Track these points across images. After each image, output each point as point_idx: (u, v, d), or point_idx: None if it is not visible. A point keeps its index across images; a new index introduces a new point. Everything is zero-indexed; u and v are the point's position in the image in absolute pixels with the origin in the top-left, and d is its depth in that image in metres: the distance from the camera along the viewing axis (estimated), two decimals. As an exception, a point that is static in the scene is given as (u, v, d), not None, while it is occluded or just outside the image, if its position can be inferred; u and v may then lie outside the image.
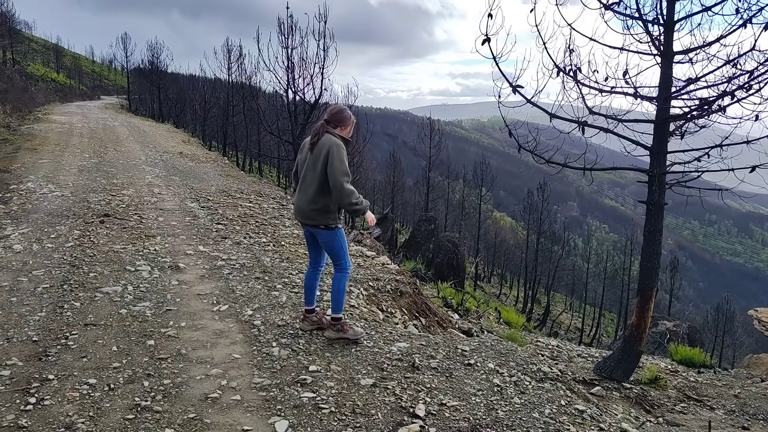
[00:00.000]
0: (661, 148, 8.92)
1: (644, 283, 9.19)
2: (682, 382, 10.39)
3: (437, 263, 24.09)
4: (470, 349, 4.65)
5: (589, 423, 3.68)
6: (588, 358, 10.63)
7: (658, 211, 9.05)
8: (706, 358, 11.81)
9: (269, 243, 7.86)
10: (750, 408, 9.78)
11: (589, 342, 41.63)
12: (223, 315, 5.06)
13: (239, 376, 3.94)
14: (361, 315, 5.40)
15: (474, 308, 13.66)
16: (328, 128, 4.51)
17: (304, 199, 4.47)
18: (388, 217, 30.45)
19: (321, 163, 4.34)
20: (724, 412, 9.68)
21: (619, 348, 9.59)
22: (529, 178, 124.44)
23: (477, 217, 43.41)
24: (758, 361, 11.53)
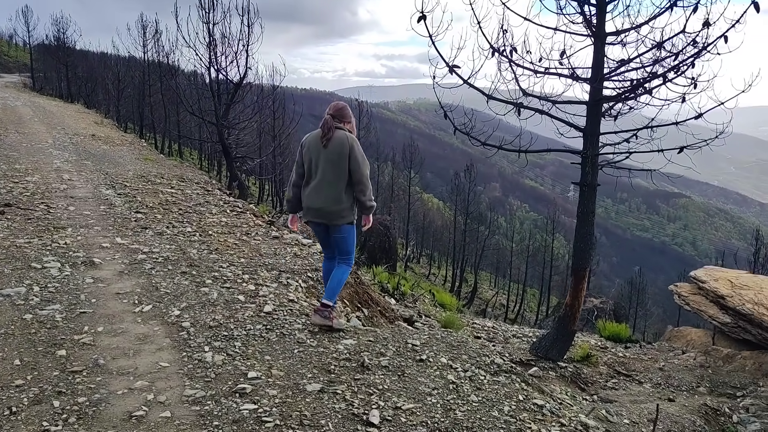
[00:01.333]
0: (594, 130, 9.00)
1: (578, 264, 9.31)
2: (611, 358, 10.70)
3: (369, 247, 23.88)
4: (421, 343, 4.40)
5: (550, 419, 3.52)
6: (523, 339, 10.74)
7: (591, 192, 9.15)
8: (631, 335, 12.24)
9: (195, 233, 7.30)
10: (674, 380, 10.20)
11: (513, 318, 42.99)
12: (146, 317, 4.55)
13: (168, 388, 3.49)
14: (302, 310, 5.03)
15: (409, 292, 13.53)
16: (337, 123, 4.51)
17: (330, 198, 4.45)
18: (317, 200, 29.90)
19: (345, 160, 4.39)
20: (652, 386, 10.04)
21: (554, 328, 9.72)
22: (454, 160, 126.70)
23: (406, 200, 43.59)
24: (679, 334, 12.07)
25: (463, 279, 45.62)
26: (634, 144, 9.36)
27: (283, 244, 7.23)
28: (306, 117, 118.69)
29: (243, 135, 16.71)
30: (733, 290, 10.94)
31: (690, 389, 9.87)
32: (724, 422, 8.83)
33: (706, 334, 11.71)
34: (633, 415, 7.87)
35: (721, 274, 11.96)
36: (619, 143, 9.42)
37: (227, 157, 14.84)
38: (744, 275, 11.94)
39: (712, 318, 11.07)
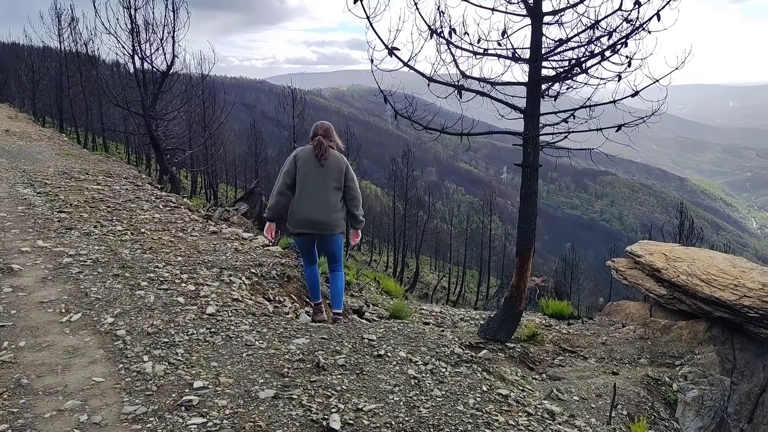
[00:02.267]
0: (534, 110, 9.02)
1: (522, 244, 9.35)
2: (556, 336, 10.88)
3: (308, 236, 23.45)
4: (377, 337, 4.20)
5: (516, 409, 3.40)
6: (470, 321, 10.76)
7: (534, 173, 9.19)
8: (572, 310, 12.52)
9: (126, 231, 6.81)
10: (617, 353, 10.48)
11: (455, 299, 43.67)
12: (75, 327, 4.13)
13: (104, 406, 3.14)
14: (248, 309, 4.72)
15: (354, 280, 13.32)
16: (331, 144, 4.97)
17: (327, 209, 4.81)
18: (255, 191, 29.16)
19: (342, 175, 4.87)
20: (596, 360, 10.28)
21: (501, 309, 9.77)
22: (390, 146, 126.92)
23: (344, 187, 43.23)
24: (618, 308, 12.43)
25: (405, 264, 45.87)
26: (573, 124, 9.47)
27: (223, 240, 6.85)
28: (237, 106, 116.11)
29: (172, 126, 15.95)
30: (668, 263, 11.33)
31: (632, 361, 10.18)
32: (665, 391, 9.15)
33: (644, 306, 12.12)
34: (582, 392, 8.00)
35: (655, 248, 12.38)
36: (559, 123, 9.51)
37: (156, 150, 14.11)
38: (677, 248, 12.41)
39: (649, 291, 11.44)
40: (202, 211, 9.21)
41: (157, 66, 13.78)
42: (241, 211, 25.59)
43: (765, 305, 9.27)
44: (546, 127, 9.43)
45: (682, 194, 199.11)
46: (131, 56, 13.58)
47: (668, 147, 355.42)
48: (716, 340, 10.28)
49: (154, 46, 13.66)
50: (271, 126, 69.15)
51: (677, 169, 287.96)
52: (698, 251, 12.14)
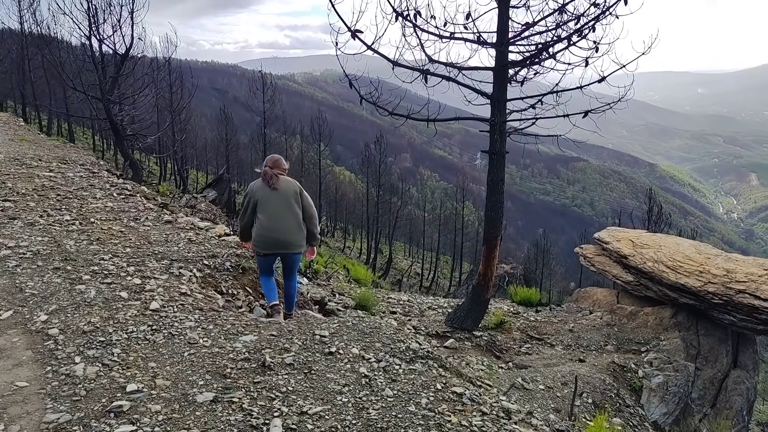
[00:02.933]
0: (501, 96, 8.86)
1: (489, 233, 9.25)
2: (524, 323, 10.84)
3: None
4: (330, 333, 4.00)
5: (470, 408, 3.25)
6: (438, 310, 10.65)
7: (500, 160, 9.05)
8: (540, 297, 12.51)
9: (74, 221, 6.46)
10: (583, 340, 10.48)
11: (428, 285, 43.76)
12: (4, 325, 3.84)
13: (24, 414, 2.89)
14: (196, 304, 4.47)
15: (323, 269, 13.10)
16: (279, 172, 5.42)
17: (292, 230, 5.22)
18: (223, 178, 28.59)
19: (298, 198, 5.34)
20: (563, 348, 10.27)
21: (468, 298, 9.67)
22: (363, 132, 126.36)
23: (317, 173, 42.79)
24: (586, 295, 12.46)
25: (378, 250, 45.74)
26: (540, 110, 9.35)
27: (177, 229, 6.56)
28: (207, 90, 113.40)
29: (133, 111, 15.41)
30: (635, 249, 11.36)
31: (598, 348, 10.19)
32: (631, 378, 9.16)
33: (611, 293, 12.16)
34: (548, 380, 7.95)
35: (622, 234, 12.41)
36: (526, 109, 9.38)
37: (117, 136, 13.59)
38: (644, 234, 12.46)
39: (616, 277, 11.48)
40: (159, 199, 8.86)
41: (117, 48, 13.24)
42: (209, 198, 25.09)
43: (729, 292, 9.33)
44: (513, 114, 9.30)
45: (652, 180, 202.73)
46: (88, 38, 13.02)
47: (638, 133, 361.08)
48: (681, 326, 10.35)
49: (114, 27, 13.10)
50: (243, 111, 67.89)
51: (647, 155, 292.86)
52: (665, 238, 12.21)
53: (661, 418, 8.78)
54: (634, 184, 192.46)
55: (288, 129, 44.70)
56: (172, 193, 24.81)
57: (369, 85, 9.13)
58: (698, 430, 9.45)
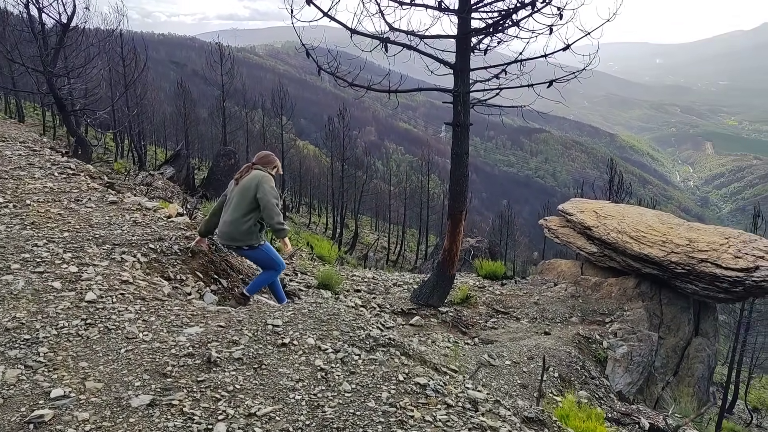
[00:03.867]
0: (464, 66, 8.56)
1: (454, 207, 9.04)
2: (489, 297, 10.76)
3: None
4: (284, 321, 3.70)
5: (435, 400, 3.01)
6: (404, 287, 10.45)
7: (464, 132, 8.80)
8: (506, 270, 12.45)
9: (8, 203, 5.96)
10: (549, 313, 10.45)
11: (395, 259, 43.76)
12: None
13: (-72, 431, 2.53)
14: (138, 293, 4.11)
15: (284, 247, 12.76)
16: (256, 167, 5.34)
17: (229, 223, 5.10)
18: (181, 154, 27.72)
19: (252, 191, 5.09)
20: (528, 320, 10.22)
21: (434, 274, 9.49)
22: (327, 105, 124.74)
23: (280, 148, 41.94)
24: (550, 266, 12.44)
25: (344, 225, 45.42)
26: (504, 80, 9.10)
27: (122, 211, 6.12)
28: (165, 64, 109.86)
29: (83, 84, 14.58)
30: (599, 221, 11.34)
31: (563, 320, 10.19)
32: (596, 349, 9.18)
33: (575, 264, 12.16)
34: (514, 355, 7.86)
35: (586, 205, 12.38)
36: (489, 79, 9.12)
37: (62, 111, 12.82)
38: (607, 205, 12.46)
39: (581, 249, 11.46)
40: (105, 178, 8.34)
41: (57, 17, 12.38)
42: (167, 175, 24.28)
43: (692, 261, 9.37)
44: (477, 84, 9.03)
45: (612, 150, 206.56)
46: (26, 5, 12.14)
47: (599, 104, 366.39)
48: (645, 296, 10.41)
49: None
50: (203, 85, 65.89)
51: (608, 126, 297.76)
52: (628, 208, 12.23)
53: (625, 388, 8.84)
54: (595, 155, 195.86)
55: (248, 102, 43.64)
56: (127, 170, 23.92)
57: (327, 55, 8.72)
58: (661, 397, 9.57)
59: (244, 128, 41.08)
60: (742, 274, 8.78)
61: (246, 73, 73.67)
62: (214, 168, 25.86)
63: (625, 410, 7.80)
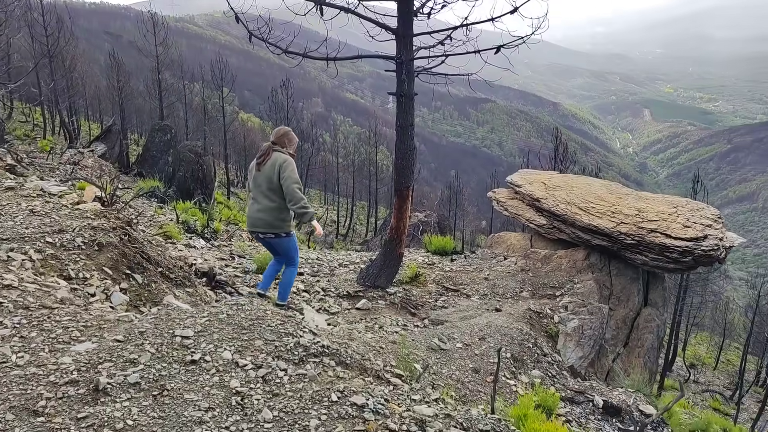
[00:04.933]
0: (407, 30, 7.98)
1: (400, 183, 8.53)
2: (439, 274, 10.38)
3: (180, 178, 21.46)
4: (196, 332, 3.11)
5: (374, 425, 2.52)
6: (350, 267, 9.95)
7: (409, 103, 8.26)
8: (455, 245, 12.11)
9: None
10: (499, 288, 10.17)
11: (345, 232, 43.30)
12: None
13: None
14: (21, 300, 3.43)
15: (223, 228, 12.02)
16: (276, 148, 5.28)
17: (261, 211, 5.15)
18: (112, 129, 26.19)
19: (275, 176, 5.06)
20: (479, 297, 9.91)
21: (381, 254, 9.01)
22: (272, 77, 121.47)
23: (222, 121, 40.35)
24: (500, 240, 12.18)
25: (292, 200, 44.48)
26: (450, 47, 8.58)
27: (20, 198, 5.32)
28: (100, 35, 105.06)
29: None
30: (547, 192, 11.09)
31: (514, 295, 9.93)
32: (547, 324, 8.95)
33: (524, 237, 11.94)
34: (465, 336, 7.51)
35: (534, 176, 12.12)
36: (434, 46, 8.58)
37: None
38: (556, 176, 12.23)
39: (530, 221, 11.21)
40: (6, 160, 7.41)
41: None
42: (98, 153, 22.82)
43: (641, 231, 9.21)
44: (421, 51, 8.48)
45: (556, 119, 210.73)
46: None
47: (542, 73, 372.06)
48: (594, 267, 10.26)
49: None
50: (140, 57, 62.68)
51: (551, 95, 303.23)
52: (576, 179, 12.04)
53: (577, 362, 8.67)
54: (539, 123, 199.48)
55: (187, 74, 41.71)
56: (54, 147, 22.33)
57: (258, 20, 7.97)
58: (612, 369, 9.48)
59: (181, 100, 39.27)
60: (691, 243, 8.68)
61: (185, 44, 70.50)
62: (149, 144, 24.49)
63: (578, 388, 7.60)
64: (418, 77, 8.57)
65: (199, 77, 44.51)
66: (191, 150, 23.03)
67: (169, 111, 37.16)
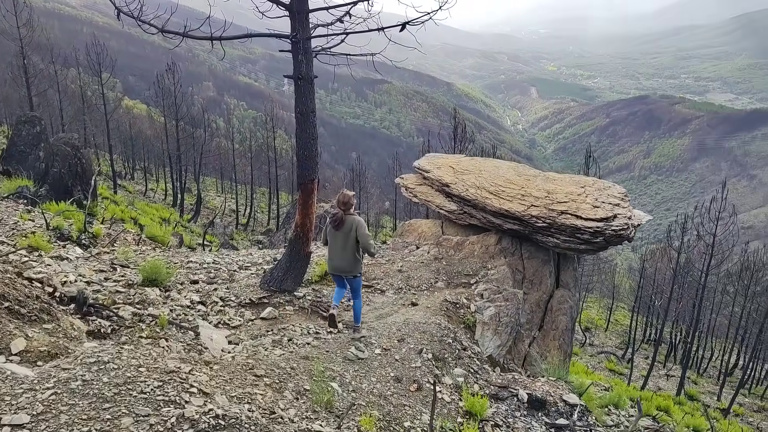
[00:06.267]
0: (302, 6, 7.16)
1: (304, 176, 7.74)
2: (349, 269, 9.75)
3: (54, 175, 19.22)
4: (33, 415, 2.25)
5: None
6: (252, 269, 9.06)
7: (308, 87, 7.47)
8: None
9: None
10: (414, 280, 9.71)
11: (245, 222, 41.62)
12: None
13: None
14: None
15: (105, 231, 10.64)
16: (348, 213, 6.80)
17: (344, 259, 6.87)
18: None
19: (353, 234, 6.77)
20: (394, 292, 9.39)
21: (286, 254, 8.19)
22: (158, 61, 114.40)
23: (104, 109, 37.12)
24: (411, 228, 11.73)
25: (186, 189, 42.06)
26: (350, 24, 7.85)
27: None
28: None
29: None
30: (456, 176, 10.74)
31: (429, 286, 9.51)
32: (464, 314, 8.60)
33: (435, 224, 11.56)
34: (383, 339, 6.95)
35: (442, 160, 11.75)
36: (333, 23, 7.82)
37: None
38: (463, 160, 11.92)
39: (440, 207, 10.83)
40: None
41: None
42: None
43: (552, 214, 9.05)
44: (319, 29, 7.70)
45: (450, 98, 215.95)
46: None
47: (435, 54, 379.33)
48: (506, 251, 10.05)
49: None
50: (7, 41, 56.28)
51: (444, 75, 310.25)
52: (484, 162, 11.79)
53: (495, 351, 8.41)
54: (434, 103, 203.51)
55: (59, 59, 37.95)
56: None
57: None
58: (529, 354, 9.33)
59: (54, 87, 35.72)
60: (602, 224, 8.62)
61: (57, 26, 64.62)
62: (15, 138, 21.74)
63: (501, 382, 7.30)
64: (317, 58, 7.80)
65: (74, 62, 40.68)
66: (67, 142, 20.66)
67: (42, 99, 33.71)
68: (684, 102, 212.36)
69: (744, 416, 23.46)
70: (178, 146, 37.47)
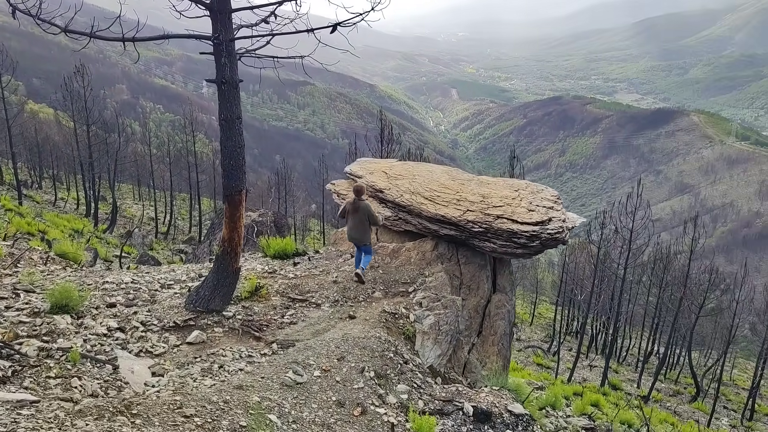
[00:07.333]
0: (224, 5, 6.67)
1: (230, 187, 7.20)
2: (283, 283, 9.25)
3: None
4: None
5: None
6: (176, 287, 8.39)
7: (233, 91, 6.96)
8: (296, 245, 11.03)
9: None
10: (350, 291, 9.33)
11: (166, 230, 39.81)
12: None
13: None
14: None
15: (6, 251, 9.61)
16: (361, 200, 9.10)
17: (359, 232, 9.14)
18: None
19: (366, 215, 9.05)
20: (330, 305, 8.97)
21: (213, 271, 7.60)
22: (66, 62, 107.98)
23: (4, 114, 34.35)
24: (343, 236, 11.35)
25: (101, 198, 39.71)
26: (277, 25, 7.40)
27: None
28: None
29: None
30: (390, 182, 10.48)
31: (367, 297, 9.17)
32: (404, 324, 8.32)
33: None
34: (322, 359, 6.54)
35: (374, 166, 11.46)
36: (258, 24, 7.35)
37: None
38: (396, 164, 11.68)
39: (374, 214, 10.51)
40: None
41: None
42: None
43: (488, 218, 8.95)
44: (243, 29, 7.21)
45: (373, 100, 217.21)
46: None
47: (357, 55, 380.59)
48: (443, 257, 9.87)
49: None
50: None
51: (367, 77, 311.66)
52: (417, 166, 11.59)
53: (436, 361, 8.19)
54: (358, 105, 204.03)
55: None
56: None
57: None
58: (468, 361, 9.19)
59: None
60: (538, 227, 8.60)
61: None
62: None
63: (445, 396, 7.06)
64: (241, 61, 7.31)
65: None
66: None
67: (-67, 105, 30.93)
68: (595, 102, 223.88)
69: (662, 401, 24.68)
70: (90, 152, 35.25)
